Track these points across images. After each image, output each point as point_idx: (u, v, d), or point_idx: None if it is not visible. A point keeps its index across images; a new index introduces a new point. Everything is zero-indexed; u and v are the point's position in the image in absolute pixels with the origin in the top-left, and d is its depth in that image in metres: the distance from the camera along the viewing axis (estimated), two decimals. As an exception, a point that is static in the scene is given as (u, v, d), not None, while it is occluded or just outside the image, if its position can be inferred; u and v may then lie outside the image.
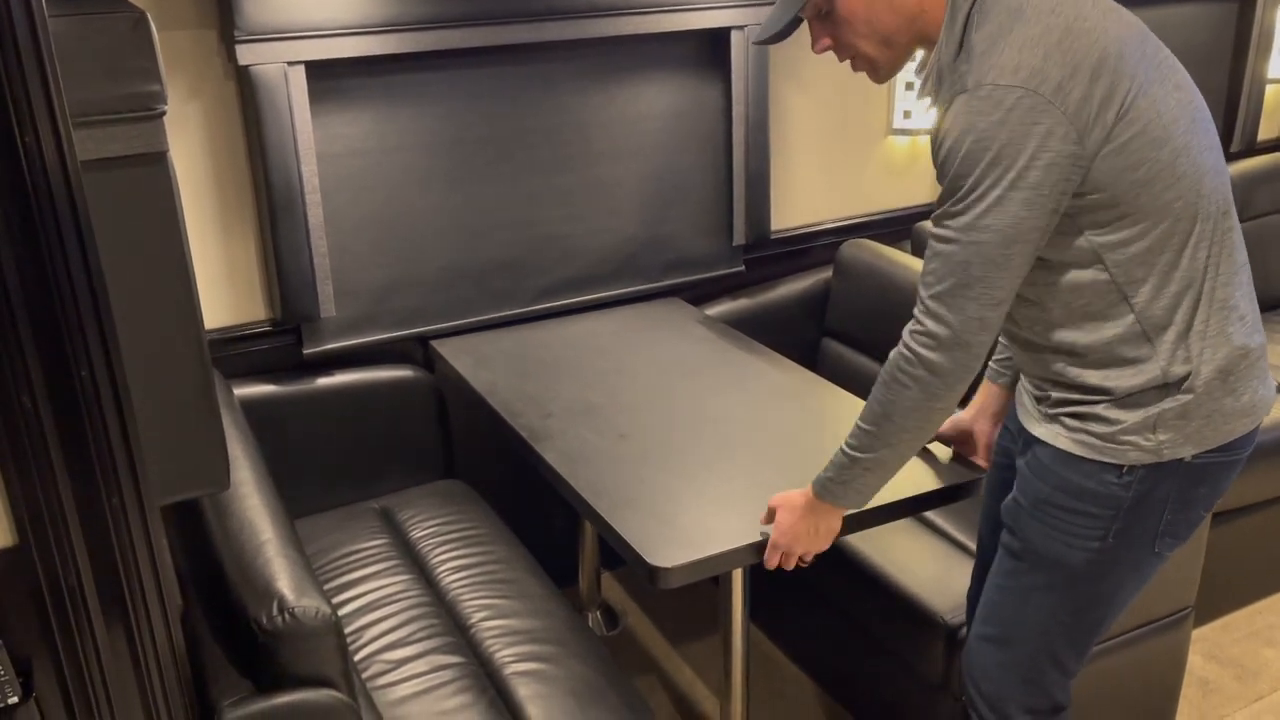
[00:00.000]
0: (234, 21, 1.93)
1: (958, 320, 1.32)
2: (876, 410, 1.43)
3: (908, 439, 1.43)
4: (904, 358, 1.38)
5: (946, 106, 1.33)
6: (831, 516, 1.53)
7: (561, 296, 2.46)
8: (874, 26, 1.39)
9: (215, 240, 2.13)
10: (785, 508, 1.55)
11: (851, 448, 1.47)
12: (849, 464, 1.47)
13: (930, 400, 1.38)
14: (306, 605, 1.29)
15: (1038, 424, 1.49)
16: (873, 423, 1.43)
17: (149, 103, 1.13)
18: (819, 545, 1.56)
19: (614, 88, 2.37)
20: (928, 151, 2.78)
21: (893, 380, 1.40)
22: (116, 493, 1.10)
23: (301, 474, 2.21)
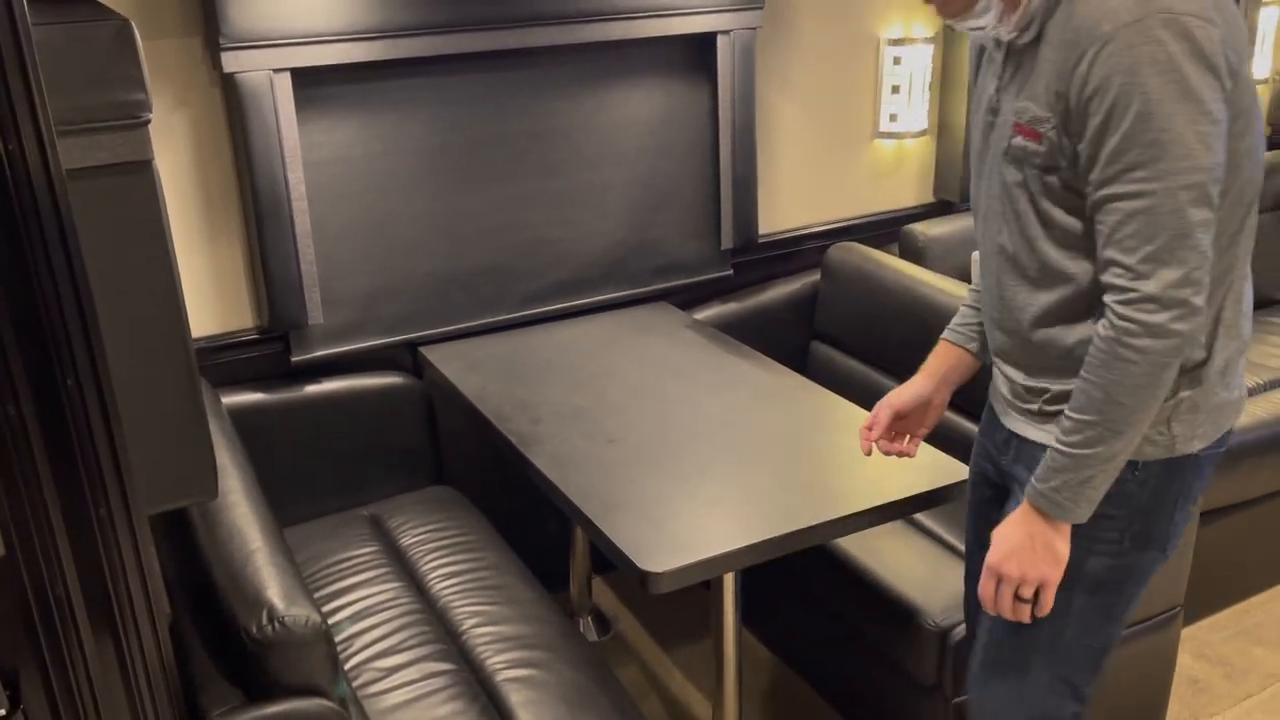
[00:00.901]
0: (219, 29, 1.92)
1: (1178, 276, 1.19)
2: (1097, 397, 1.26)
3: (1138, 421, 1.26)
4: (1124, 330, 1.23)
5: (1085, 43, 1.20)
6: (1058, 535, 1.32)
7: (550, 301, 2.46)
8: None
9: (202, 248, 2.12)
10: (1003, 525, 1.37)
11: (1074, 445, 1.28)
12: (1074, 465, 1.29)
13: (1161, 371, 1.24)
14: (296, 614, 1.29)
15: (1034, 427, 1.42)
16: (1094, 412, 1.26)
17: (133, 111, 1.13)
18: (1046, 570, 1.33)
19: (600, 92, 2.37)
20: (914, 153, 2.83)
21: (1112, 358, 1.24)
22: (104, 503, 1.09)
23: (290, 482, 2.21)
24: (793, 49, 2.58)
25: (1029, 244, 1.35)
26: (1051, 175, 1.29)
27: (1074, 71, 1.22)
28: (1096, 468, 1.28)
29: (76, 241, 1.02)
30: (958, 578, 1.99)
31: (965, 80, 2.74)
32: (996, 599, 1.37)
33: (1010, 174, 1.34)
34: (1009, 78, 1.34)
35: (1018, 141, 1.32)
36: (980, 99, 1.42)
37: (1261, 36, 3.26)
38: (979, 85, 1.44)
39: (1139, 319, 1.22)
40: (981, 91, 1.42)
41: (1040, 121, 1.28)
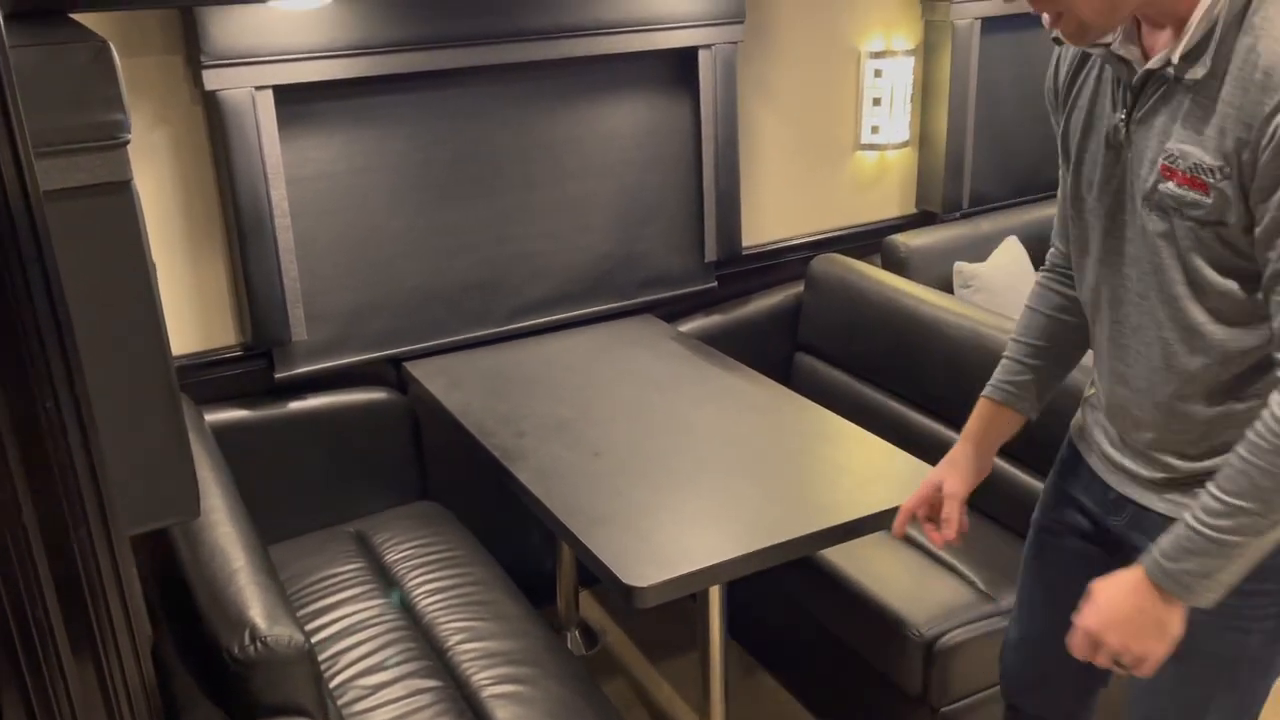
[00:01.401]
0: (200, 47, 1.92)
1: None
2: (1263, 484, 1.10)
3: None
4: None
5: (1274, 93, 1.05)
6: (1173, 614, 1.19)
7: (534, 315, 2.46)
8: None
9: (184, 265, 2.12)
10: (1111, 586, 1.23)
11: (1220, 530, 1.13)
12: (1216, 551, 1.14)
13: None
14: (279, 633, 1.28)
15: (1155, 497, 1.29)
16: (1255, 499, 1.11)
17: (112, 132, 1.13)
18: (1152, 647, 1.20)
19: (584, 107, 2.38)
20: (896, 165, 2.85)
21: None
22: (84, 524, 1.09)
23: (275, 499, 2.20)
24: (774, 62, 2.59)
25: (1171, 301, 1.20)
26: (1209, 229, 1.14)
27: (1270, 119, 1.05)
28: (1241, 556, 1.14)
29: (55, 263, 1.01)
30: (943, 588, 2.00)
31: (946, 92, 2.76)
32: (1094, 657, 1.25)
33: (1153, 222, 1.19)
34: (1147, 109, 1.18)
35: (1170, 188, 1.15)
36: (1089, 124, 1.27)
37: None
38: (1076, 104, 1.29)
39: None
40: (1088, 113, 1.27)
41: (1208, 171, 1.12)
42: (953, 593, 1.98)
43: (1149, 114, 1.18)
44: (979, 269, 2.61)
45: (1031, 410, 1.49)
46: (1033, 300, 1.50)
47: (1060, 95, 1.32)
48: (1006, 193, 3.00)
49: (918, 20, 2.75)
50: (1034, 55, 2.94)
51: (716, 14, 2.39)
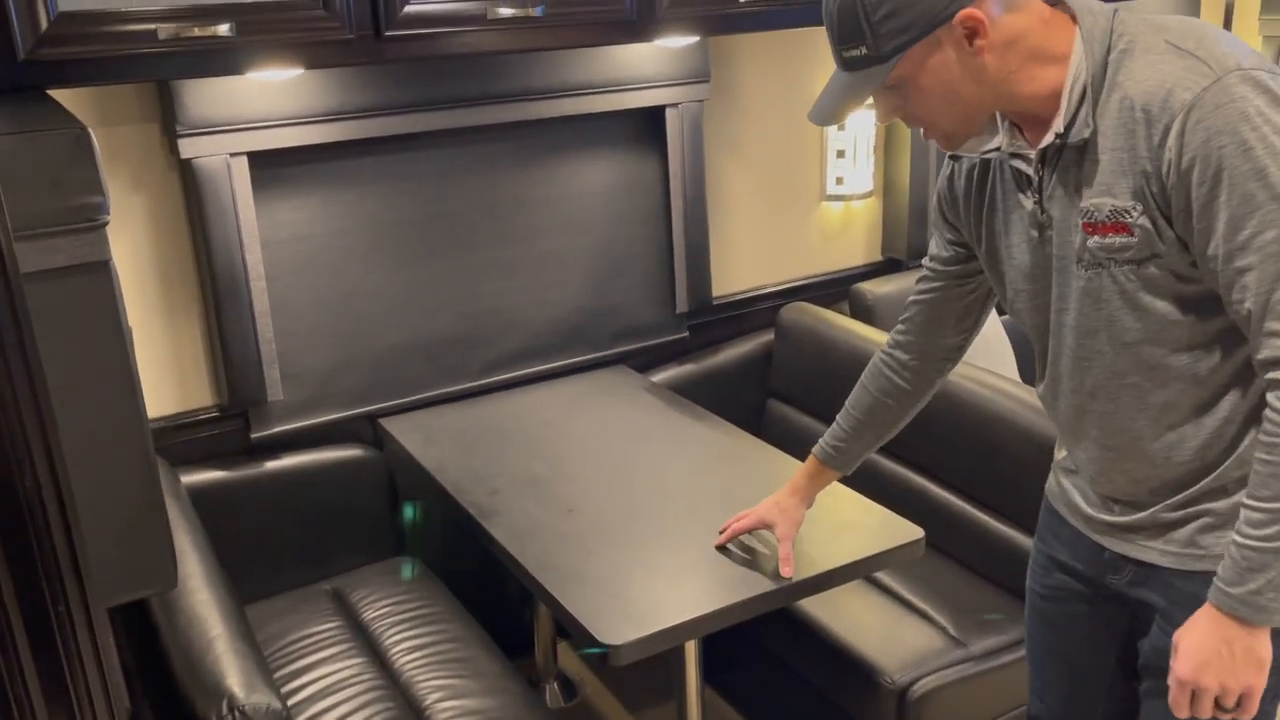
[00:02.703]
0: (176, 116, 1.96)
1: None
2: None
3: None
4: None
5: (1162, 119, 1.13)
6: (1259, 639, 1.19)
7: (509, 369, 2.49)
8: (954, 99, 1.22)
9: (161, 329, 2.14)
10: (1191, 632, 1.22)
11: (1267, 539, 1.15)
12: (1274, 560, 1.15)
13: None
14: (257, 702, 1.29)
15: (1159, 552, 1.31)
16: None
17: (91, 214, 1.16)
18: (1249, 679, 1.20)
19: (554, 165, 2.43)
20: (861, 214, 2.91)
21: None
22: (62, 599, 1.10)
23: (252, 558, 2.20)
24: (740, 119, 2.66)
25: (1128, 349, 1.25)
26: (1148, 265, 1.20)
27: (1161, 147, 1.14)
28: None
29: (34, 344, 1.04)
30: (915, 635, 2.03)
31: (908, 142, 2.83)
32: (1195, 709, 1.23)
33: (1091, 280, 1.24)
34: (1054, 184, 1.25)
35: (1097, 241, 1.22)
36: (1008, 220, 1.34)
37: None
38: (992, 208, 1.36)
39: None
40: (1005, 212, 1.34)
41: (1124, 212, 1.19)
42: (925, 639, 2.00)
43: (1056, 186, 1.25)
44: (944, 316, 2.66)
45: (847, 469, 1.71)
46: (866, 377, 1.65)
47: (964, 203, 1.41)
48: (970, 239, 3.07)
49: (878, 75, 2.82)
50: (992, 106, 3.02)
51: (682, 74, 2.45)
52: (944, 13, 1.16)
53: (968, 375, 2.21)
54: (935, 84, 1.21)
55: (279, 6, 1.69)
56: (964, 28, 1.17)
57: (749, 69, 2.63)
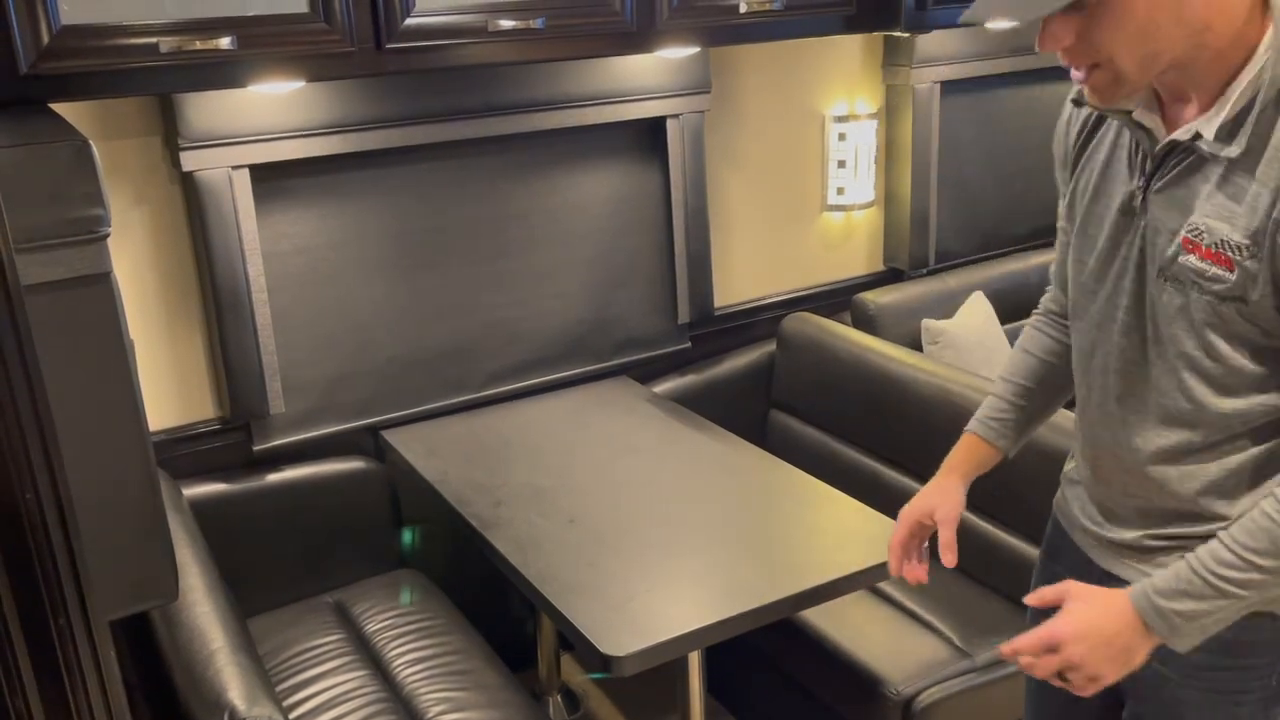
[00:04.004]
0: (178, 129, 1.96)
1: None
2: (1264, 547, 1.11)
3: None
4: None
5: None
6: (1145, 647, 1.18)
7: (511, 380, 2.49)
8: (1147, 35, 1.07)
9: (163, 341, 2.14)
10: (1092, 604, 1.21)
11: (1227, 580, 1.13)
12: (1212, 598, 1.14)
13: None
14: (258, 715, 1.29)
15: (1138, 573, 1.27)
16: (1273, 557, 1.12)
17: (92, 226, 1.16)
18: (1108, 672, 1.19)
19: (555, 177, 2.44)
20: (862, 224, 2.91)
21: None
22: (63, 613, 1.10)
23: (254, 571, 2.20)
24: (741, 129, 2.66)
25: (1172, 371, 1.19)
26: (1231, 305, 1.12)
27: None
28: (1235, 608, 1.14)
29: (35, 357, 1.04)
30: (919, 645, 2.02)
31: (909, 152, 2.84)
32: (1042, 661, 1.21)
33: (1168, 294, 1.16)
34: (1173, 181, 1.16)
35: (1191, 261, 1.13)
36: (1100, 187, 1.25)
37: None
38: (1087, 166, 1.27)
39: None
40: (1102, 180, 1.25)
41: (1235, 248, 1.09)
42: (929, 650, 2.00)
43: (1170, 185, 1.15)
44: (946, 326, 2.66)
45: (1010, 448, 1.49)
46: (1024, 342, 1.50)
47: (1070, 155, 1.31)
48: (972, 249, 3.07)
49: (879, 85, 2.83)
50: (993, 115, 3.03)
51: (683, 85, 2.46)
52: None
53: (970, 385, 2.21)
54: (1139, 6, 1.06)
55: (280, 19, 1.69)
56: None
57: (750, 80, 2.63)
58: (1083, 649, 1.17)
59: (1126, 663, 1.18)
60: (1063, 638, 1.19)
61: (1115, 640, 1.17)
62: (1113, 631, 1.18)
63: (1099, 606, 1.20)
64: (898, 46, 2.75)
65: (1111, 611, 1.19)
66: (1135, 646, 1.18)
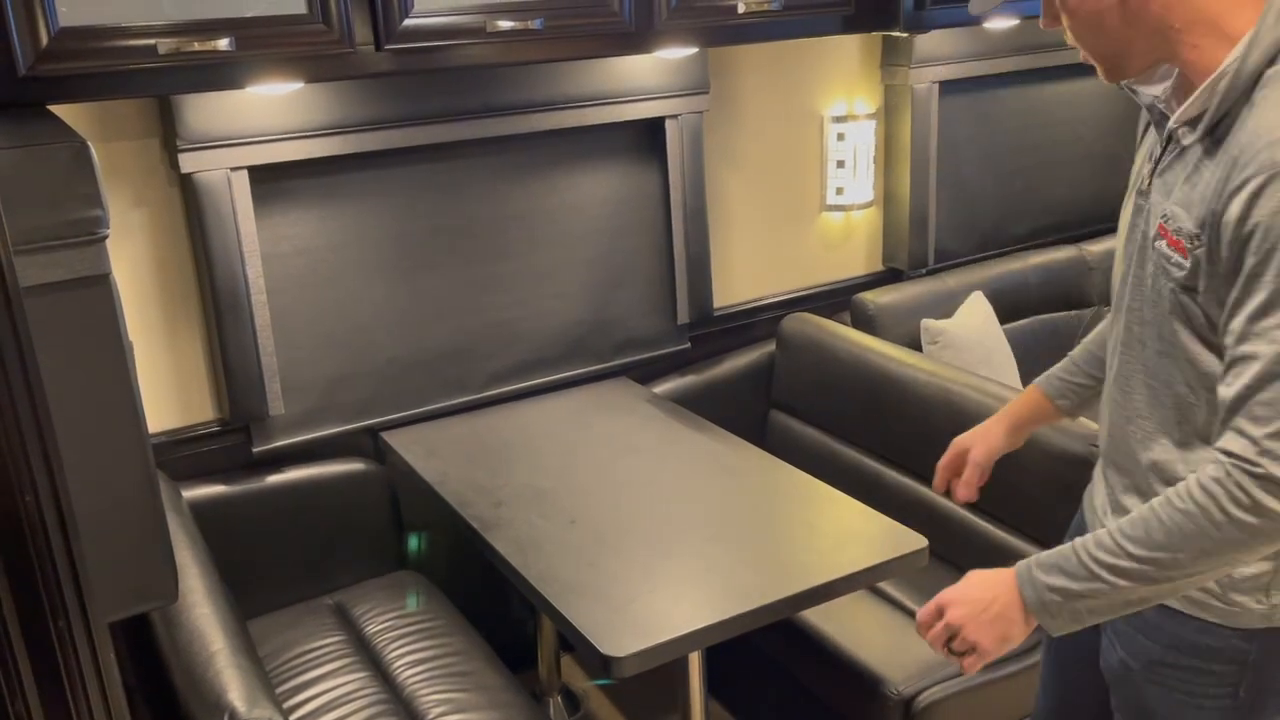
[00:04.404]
0: (176, 131, 1.96)
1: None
2: (1158, 539, 1.11)
3: (1188, 582, 1.13)
4: (1230, 496, 1.07)
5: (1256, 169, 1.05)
6: (1019, 621, 1.20)
7: (511, 381, 2.49)
8: (1098, 26, 1.16)
9: (162, 343, 2.14)
10: (981, 572, 1.25)
11: (1102, 566, 1.13)
12: (1084, 579, 1.14)
13: (1245, 551, 1.09)
14: (258, 717, 1.29)
15: None
16: (1149, 548, 1.11)
17: (91, 228, 1.16)
18: (985, 641, 1.21)
19: (554, 177, 2.43)
20: (862, 224, 2.91)
21: (1199, 514, 1.09)
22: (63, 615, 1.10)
23: (254, 573, 2.20)
24: (740, 129, 2.66)
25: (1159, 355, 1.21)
26: (1188, 296, 1.15)
27: (1237, 195, 1.06)
28: (1107, 599, 1.14)
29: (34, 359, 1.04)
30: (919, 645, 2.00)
31: (908, 152, 2.84)
32: (930, 630, 1.27)
33: (1153, 276, 1.20)
34: (1167, 166, 1.19)
35: (1162, 246, 1.17)
36: (1137, 171, 1.29)
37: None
38: (1140, 152, 1.31)
39: (1254, 495, 1.06)
40: (1141, 159, 1.29)
41: (1190, 236, 1.13)
42: (929, 650, 1.98)
43: (1165, 169, 1.20)
44: (945, 326, 2.66)
45: (1071, 411, 1.52)
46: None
47: (1138, 140, 1.35)
48: (971, 248, 3.07)
49: (878, 85, 2.83)
50: (992, 115, 3.03)
51: (682, 85, 2.46)
52: None
53: (970, 384, 2.21)
54: (1084, 7, 1.16)
55: (279, 20, 1.69)
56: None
57: (748, 80, 2.63)
58: (962, 612, 1.21)
59: (1003, 634, 1.20)
60: (946, 601, 1.24)
61: (992, 605, 1.20)
62: (990, 597, 1.20)
63: (988, 575, 1.23)
64: (896, 46, 2.75)
65: (995, 579, 1.22)
66: (1011, 617, 1.19)
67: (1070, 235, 3.23)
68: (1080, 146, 3.20)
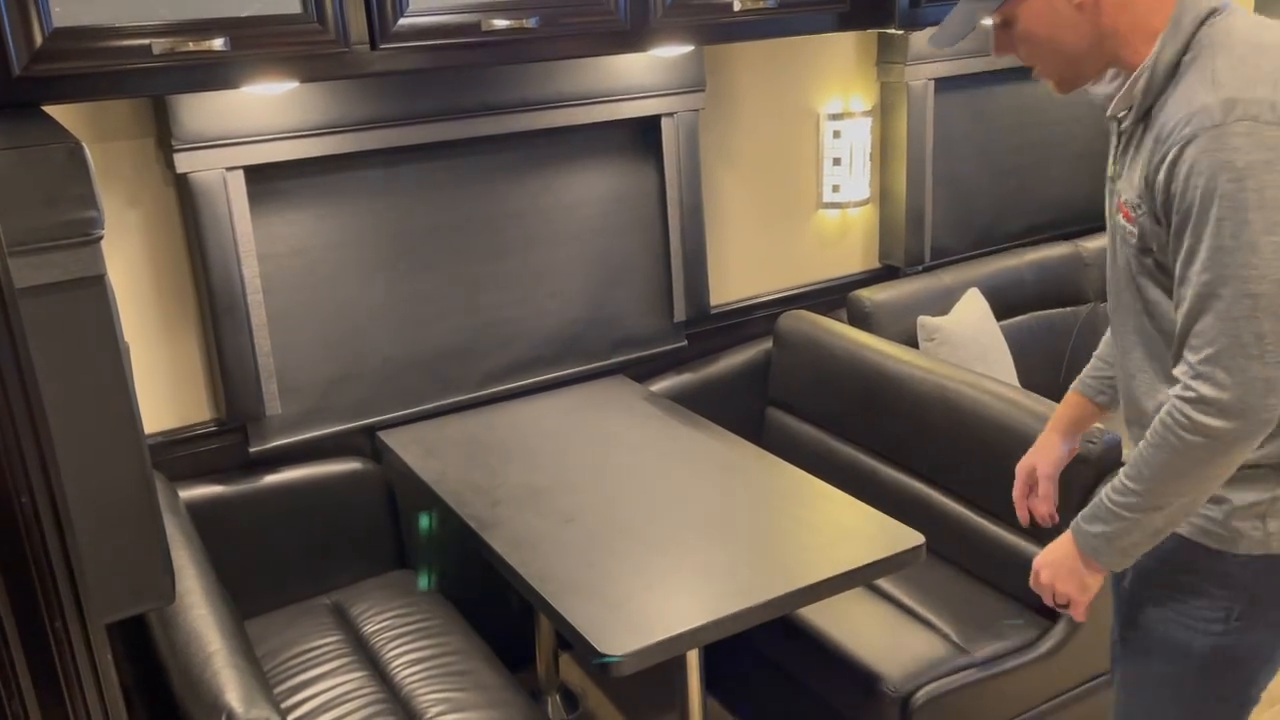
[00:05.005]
0: (171, 131, 1.96)
1: (1238, 383, 1.20)
2: (1145, 472, 1.29)
3: (1182, 503, 1.29)
4: (1176, 422, 1.25)
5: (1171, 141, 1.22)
6: (1089, 569, 1.39)
7: (508, 380, 2.49)
8: (1056, 46, 1.32)
9: (158, 343, 2.14)
10: (1058, 540, 1.44)
11: (1117, 505, 1.32)
12: (1113, 521, 1.33)
13: (1208, 466, 1.25)
14: (256, 717, 1.29)
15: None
16: (1140, 482, 1.29)
17: (86, 229, 1.16)
18: (1072, 592, 1.41)
19: (550, 176, 2.43)
20: (858, 222, 2.91)
21: (1163, 443, 1.26)
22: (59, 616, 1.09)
23: (251, 573, 2.20)
24: (735, 127, 2.66)
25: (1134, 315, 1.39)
26: (1147, 257, 1.32)
27: (1161, 164, 1.24)
28: (1135, 533, 1.32)
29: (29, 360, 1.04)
30: (916, 642, 2.02)
31: (904, 149, 2.84)
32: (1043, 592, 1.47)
33: (1119, 242, 1.39)
34: (1120, 151, 1.37)
35: (1119, 220, 1.36)
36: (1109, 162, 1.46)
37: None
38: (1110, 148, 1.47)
39: (1192, 417, 1.23)
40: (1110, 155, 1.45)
41: (1134, 206, 1.31)
42: (927, 646, 2.00)
43: (1118, 155, 1.38)
44: (942, 323, 2.66)
45: (1110, 403, 1.61)
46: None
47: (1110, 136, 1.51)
48: (967, 245, 3.07)
49: (873, 82, 2.83)
50: (988, 112, 3.03)
51: (677, 83, 2.46)
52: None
53: (966, 381, 2.21)
54: (1039, 29, 1.31)
55: (274, 20, 1.69)
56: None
57: (744, 78, 2.63)
58: (1048, 573, 1.44)
59: (1081, 584, 1.41)
60: (1038, 565, 1.46)
61: (1064, 561, 1.41)
62: (1061, 554, 1.41)
63: (1062, 537, 1.43)
64: (892, 44, 2.75)
65: (1064, 539, 1.42)
66: (1078, 568, 1.39)
67: (1066, 232, 3.23)
68: (1076, 143, 3.21)
